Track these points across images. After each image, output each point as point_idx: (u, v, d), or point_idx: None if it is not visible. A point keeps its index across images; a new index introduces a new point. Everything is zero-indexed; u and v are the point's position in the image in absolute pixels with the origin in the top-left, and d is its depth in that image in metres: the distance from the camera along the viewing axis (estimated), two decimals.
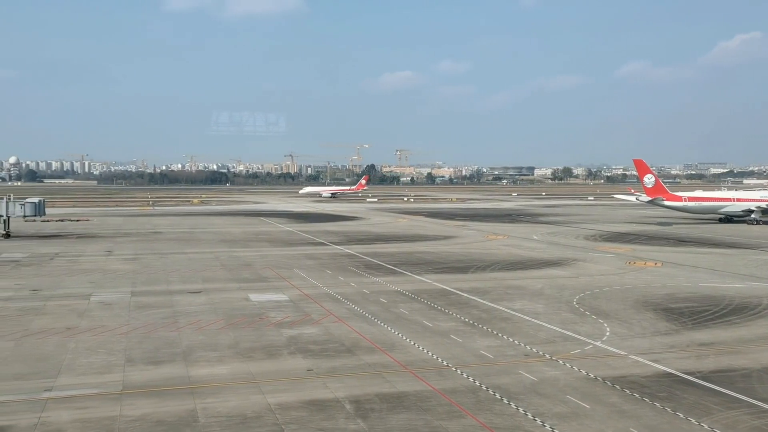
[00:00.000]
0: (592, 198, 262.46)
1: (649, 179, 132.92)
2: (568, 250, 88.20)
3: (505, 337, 42.20)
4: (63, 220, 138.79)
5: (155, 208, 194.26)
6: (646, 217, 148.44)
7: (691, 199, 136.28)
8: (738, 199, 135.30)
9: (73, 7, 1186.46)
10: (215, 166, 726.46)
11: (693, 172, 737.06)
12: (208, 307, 51.26)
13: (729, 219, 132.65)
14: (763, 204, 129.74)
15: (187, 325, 45.32)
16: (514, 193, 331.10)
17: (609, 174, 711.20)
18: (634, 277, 65.85)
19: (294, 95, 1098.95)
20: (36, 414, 28.40)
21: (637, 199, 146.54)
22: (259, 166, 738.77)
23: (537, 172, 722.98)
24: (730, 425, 27.54)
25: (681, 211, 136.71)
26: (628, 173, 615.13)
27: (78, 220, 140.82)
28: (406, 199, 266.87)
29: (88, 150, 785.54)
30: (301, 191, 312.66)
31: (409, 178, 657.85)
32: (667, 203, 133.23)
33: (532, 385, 32.54)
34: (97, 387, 32.04)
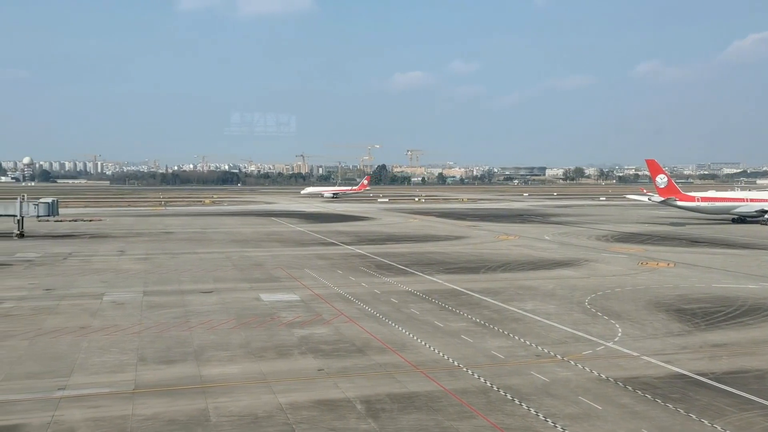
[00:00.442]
0: (604, 198, 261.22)
1: (661, 179, 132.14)
2: (579, 251, 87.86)
3: (517, 337, 42.10)
4: (76, 220, 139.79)
5: (167, 209, 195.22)
6: (658, 217, 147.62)
7: (704, 199, 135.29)
8: (751, 200, 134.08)
9: (85, 6, 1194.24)
10: (227, 167, 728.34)
11: (706, 173, 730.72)
12: (219, 307, 51.47)
13: (742, 219, 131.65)
14: None
15: (199, 324, 45.54)
16: (525, 194, 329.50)
17: (621, 174, 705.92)
18: (646, 278, 65.49)
19: (305, 95, 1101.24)
20: (49, 413, 28.63)
21: (649, 199, 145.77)
22: (271, 167, 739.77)
23: (548, 172, 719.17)
24: (744, 427, 27.33)
25: (694, 211, 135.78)
26: (640, 173, 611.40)
27: (91, 220, 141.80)
28: (417, 199, 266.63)
29: (101, 150, 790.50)
30: (302, 191, 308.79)
31: (420, 179, 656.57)
32: (679, 203, 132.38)
33: (544, 386, 32.45)
34: (110, 386, 32.26)
